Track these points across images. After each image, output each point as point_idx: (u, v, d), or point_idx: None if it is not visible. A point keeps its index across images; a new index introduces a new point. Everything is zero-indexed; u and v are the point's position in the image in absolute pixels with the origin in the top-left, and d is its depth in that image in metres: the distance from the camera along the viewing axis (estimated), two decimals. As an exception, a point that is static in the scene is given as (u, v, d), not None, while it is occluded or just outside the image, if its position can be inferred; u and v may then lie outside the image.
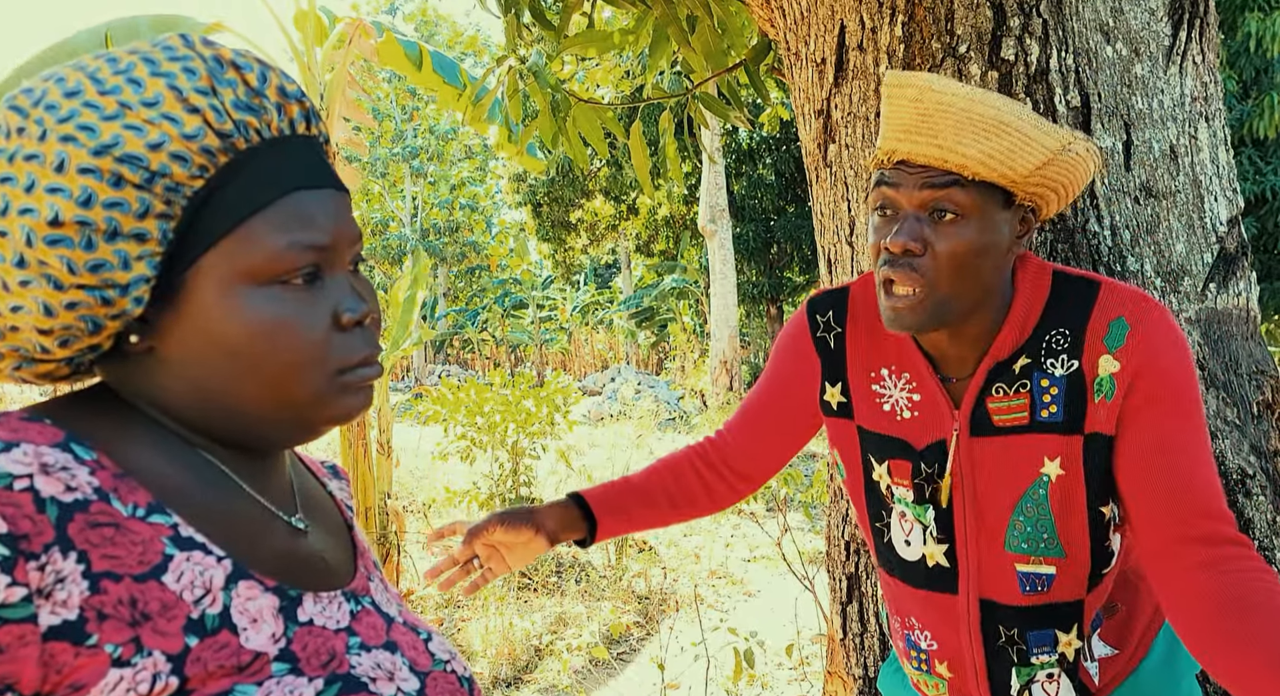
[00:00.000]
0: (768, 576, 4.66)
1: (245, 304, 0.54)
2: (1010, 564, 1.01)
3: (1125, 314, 0.95)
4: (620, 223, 18.09)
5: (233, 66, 0.55)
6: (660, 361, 22.12)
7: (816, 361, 1.13)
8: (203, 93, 0.53)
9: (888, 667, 1.28)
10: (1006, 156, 0.89)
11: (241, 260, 0.54)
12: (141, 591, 0.49)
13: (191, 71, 0.53)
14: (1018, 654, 1.03)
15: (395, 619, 0.65)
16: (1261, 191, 9.22)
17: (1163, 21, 1.41)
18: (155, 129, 0.51)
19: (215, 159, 0.53)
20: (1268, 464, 1.37)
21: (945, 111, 0.89)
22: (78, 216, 0.50)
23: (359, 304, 0.58)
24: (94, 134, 0.50)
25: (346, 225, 0.58)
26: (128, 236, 0.51)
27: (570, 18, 2.30)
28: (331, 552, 0.65)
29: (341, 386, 0.58)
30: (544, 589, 4.32)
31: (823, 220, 1.65)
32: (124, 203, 0.51)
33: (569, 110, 2.41)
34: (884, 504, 1.09)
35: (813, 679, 3.27)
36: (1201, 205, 1.41)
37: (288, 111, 0.57)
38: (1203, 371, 1.36)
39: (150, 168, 0.51)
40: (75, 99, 0.51)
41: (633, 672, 3.45)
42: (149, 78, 0.52)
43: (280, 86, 0.56)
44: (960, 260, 0.92)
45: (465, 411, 4.97)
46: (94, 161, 0.50)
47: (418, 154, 24.58)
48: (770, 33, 1.80)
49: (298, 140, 0.57)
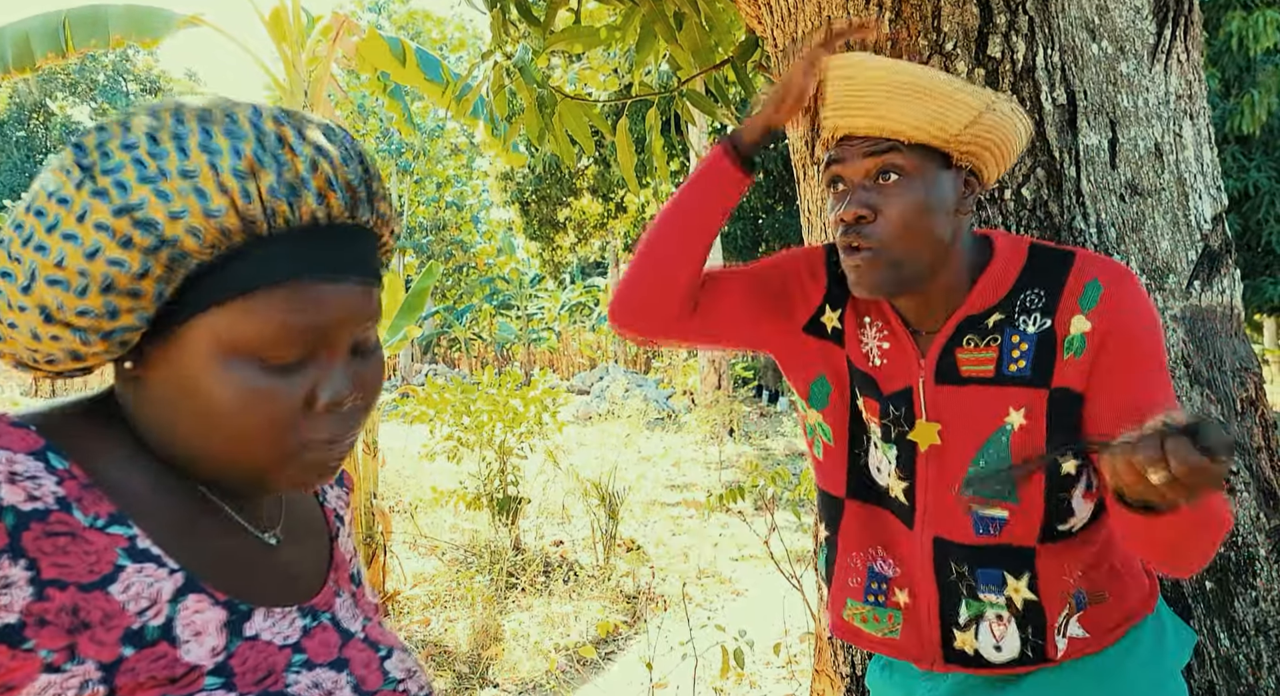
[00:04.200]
0: (755, 575, 4.66)
1: (224, 370, 0.54)
2: (962, 505, 1.06)
3: (1100, 276, 1.02)
4: (608, 221, 18.07)
5: (289, 149, 0.54)
6: (649, 360, 22.15)
7: (824, 280, 1.18)
8: (239, 175, 0.52)
9: (875, 665, 1.28)
10: (936, 116, 0.97)
11: (230, 330, 0.54)
12: (85, 600, 0.51)
13: (238, 151, 0.53)
14: (967, 589, 1.07)
15: (355, 635, 0.65)
16: (1245, 188, 9.31)
17: (1148, 20, 1.41)
18: (180, 200, 0.52)
19: (230, 238, 0.53)
20: (1251, 461, 1.37)
21: (875, 84, 0.98)
22: (79, 266, 0.52)
23: (340, 391, 0.57)
24: (124, 192, 0.51)
25: (355, 315, 0.57)
26: (121, 292, 0.52)
27: (556, 13, 2.29)
28: (301, 566, 0.66)
29: (300, 462, 0.58)
30: (531, 588, 4.30)
31: (811, 218, 1.64)
32: (125, 262, 0.52)
33: (555, 107, 2.39)
34: (865, 430, 1.15)
35: (800, 677, 3.27)
36: (1186, 203, 1.41)
37: (328, 201, 0.55)
38: (1187, 368, 1.36)
39: (162, 235, 0.52)
40: (127, 153, 0.52)
41: (620, 672, 3.44)
42: (196, 148, 0.52)
43: (330, 176, 0.55)
44: (907, 218, 0.99)
45: (452, 411, 4.94)
46: (111, 219, 0.51)
47: (403, 152, 24.47)
48: (758, 29, 1.79)
49: (332, 228, 0.56)
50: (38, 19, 4.00)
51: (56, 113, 30.59)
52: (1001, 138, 1.01)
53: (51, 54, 3.94)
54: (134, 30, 4.04)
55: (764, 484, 3.40)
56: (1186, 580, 1.33)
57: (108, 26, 3.98)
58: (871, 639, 1.17)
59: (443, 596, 4.23)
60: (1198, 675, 1.32)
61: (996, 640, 1.06)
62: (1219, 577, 1.34)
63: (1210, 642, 1.33)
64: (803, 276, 1.19)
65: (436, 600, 4.20)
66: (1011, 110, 1.00)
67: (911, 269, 1.01)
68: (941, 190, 1.01)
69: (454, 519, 5.60)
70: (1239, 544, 1.35)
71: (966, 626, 1.08)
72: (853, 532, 1.18)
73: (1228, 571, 1.34)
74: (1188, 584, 1.33)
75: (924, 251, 1.01)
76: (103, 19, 4.00)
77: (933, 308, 1.07)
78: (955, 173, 1.02)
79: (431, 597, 4.23)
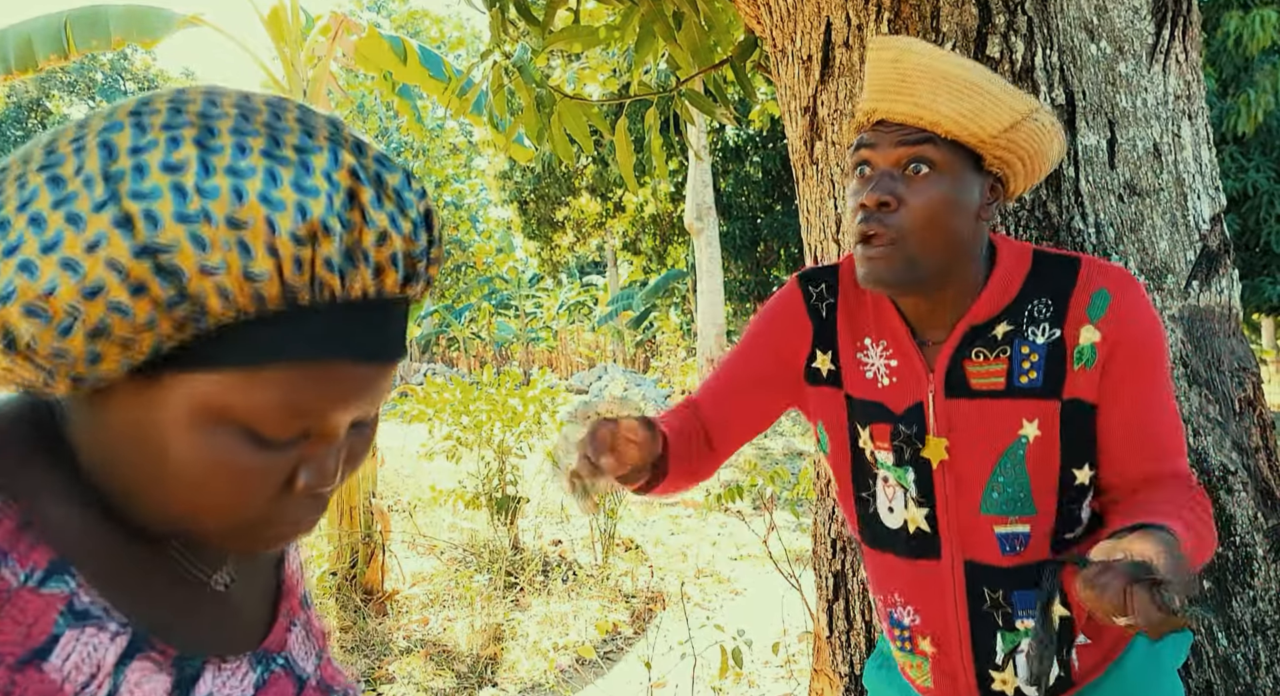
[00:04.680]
0: (754, 575, 4.67)
1: (203, 435, 0.45)
2: (988, 526, 1.04)
3: (1108, 286, 1.01)
4: (607, 220, 18.06)
5: (359, 214, 0.44)
6: (647, 360, 22.14)
7: (809, 328, 1.15)
8: (297, 240, 0.42)
9: (873, 664, 1.28)
10: (977, 115, 0.95)
11: (225, 396, 0.44)
12: (20, 679, 0.43)
13: (304, 211, 0.42)
14: (1003, 618, 1.05)
15: (309, 679, 0.59)
16: (1243, 188, 9.32)
17: (1146, 20, 1.41)
18: (219, 253, 0.41)
19: (263, 305, 0.43)
20: (1249, 460, 1.38)
21: (922, 72, 0.95)
22: (72, 303, 0.41)
23: (326, 477, 0.50)
24: (154, 228, 0.40)
25: (374, 397, 0.49)
26: (113, 340, 0.42)
27: (555, 13, 2.29)
28: (252, 603, 0.59)
29: (258, 537, 0.51)
30: (530, 587, 4.31)
31: (809, 217, 1.64)
32: (129, 311, 0.41)
33: (554, 106, 2.39)
34: (869, 472, 1.12)
35: (799, 676, 3.28)
36: (1185, 203, 1.41)
37: (384, 279, 0.46)
38: (1185, 368, 1.37)
39: (185, 290, 0.41)
40: (168, 176, 0.41)
41: (620, 671, 3.45)
42: (255, 196, 0.41)
43: (395, 253, 0.45)
44: (931, 213, 0.97)
45: (451, 411, 4.94)
46: (128, 260, 0.41)
47: (402, 151, 24.47)
48: (757, 29, 1.79)
49: (380, 303, 0.47)
50: (39, 20, 3.99)
51: (54, 112, 30.56)
52: (1036, 149, 0.99)
53: (54, 55, 3.93)
54: (134, 31, 4.04)
55: (762, 483, 3.40)
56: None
57: (108, 27, 3.97)
58: (914, 682, 1.15)
59: (441, 596, 4.23)
60: (1195, 674, 1.32)
61: None
62: (1217, 577, 1.34)
63: (1208, 642, 1.33)
64: (789, 333, 1.16)
65: (435, 599, 4.20)
66: (1051, 123, 0.98)
67: (926, 266, 0.98)
68: (968, 191, 0.98)
69: (453, 518, 5.60)
70: (1237, 543, 1.35)
71: (1004, 664, 1.05)
72: (872, 576, 1.17)
73: (1225, 571, 1.34)
74: (1186, 583, 1.33)
75: (941, 249, 0.98)
76: (103, 20, 3.99)
77: (940, 313, 1.05)
78: (984, 176, 1.00)
79: (430, 597, 4.23)
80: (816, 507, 1.72)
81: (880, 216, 0.98)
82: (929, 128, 0.96)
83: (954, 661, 1.08)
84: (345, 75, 18.16)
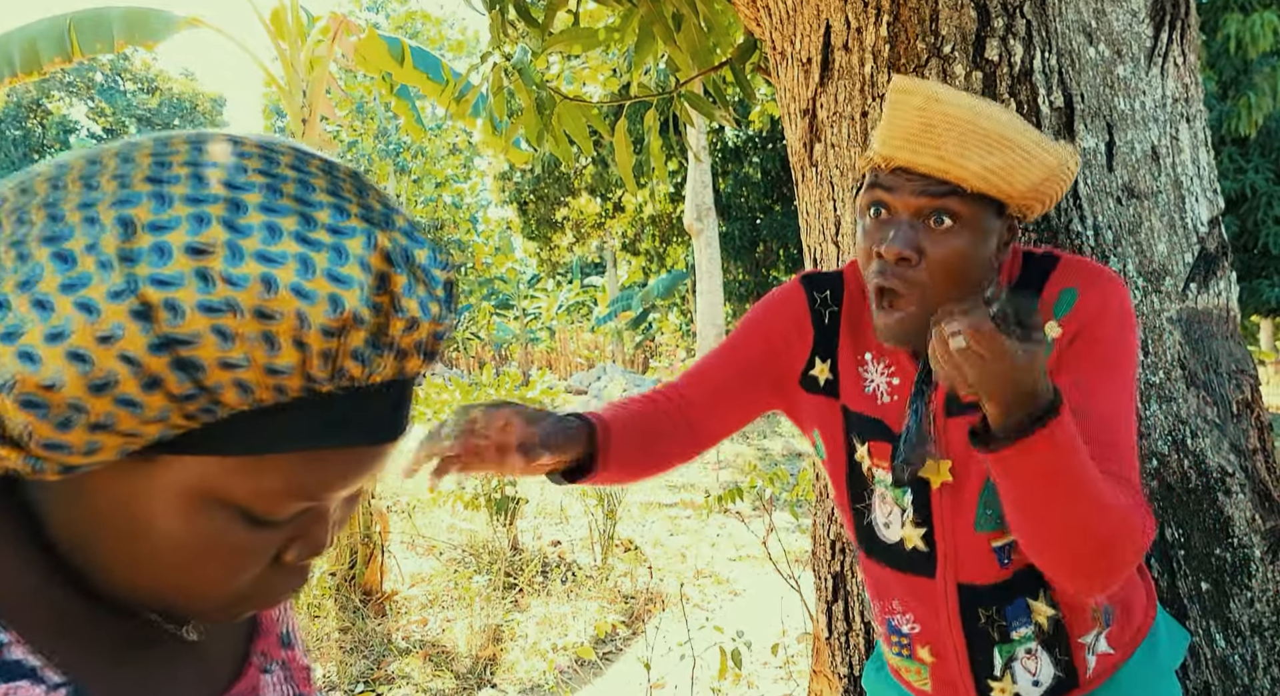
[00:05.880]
0: (753, 576, 4.67)
1: (195, 513, 0.42)
2: (985, 542, 1.03)
3: (1079, 283, 0.98)
4: (606, 221, 18.07)
5: (390, 300, 0.40)
6: (646, 361, 22.14)
7: (810, 333, 1.12)
8: (327, 334, 0.39)
9: (872, 665, 1.28)
10: (1007, 172, 0.90)
11: (227, 482, 0.41)
12: None
13: (337, 304, 0.38)
14: (998, 632, 1.04)
15: None
16: (1241, 189, 9.33)
17: (1144, 23, 1.42)
18: (242, 348, 0.37)
19: (283, 395, 0.40)
20: (1247, 462, 1.38)
21: (950, 123, 0.89)
22: (75, 399, 0.37)
23: (318, 549, 0.47)
24: (176, 319, 0.36)
25: (373, 473, 0.46)
26: (116, 433, 0.38)
27: (555, 14, 2.29)
28: (221, 648, 0.54)
29: (240, 609, 0.48)
30: (529, 588, 4.31)
31: (809, 219, 1.65)
32: (141, 406, 0.38)
33: (554, 108, 2.40)
34: (865, 485, 1.10)
35: (798, 677, 3.28)
36: (1183, 205, 1.42)
37: (407, 365, 0.43)
38: (1183, 370, 1.37)
39: (203, 384, 0.38)
40: (195, 259, 0.37)
41: (619, 672, 3.45)
42: (287, 287, 0.37)
43: (420, 340, 0.42)
44: (952, 267, 0.93)
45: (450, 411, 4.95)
46: (145, 354, 0.37)
47: (401, 151, 24.47)
48: (756, 31, 1.80)
49: (396, 385, 0.44)
50: (43, 23, 4.01)
51: (54, 112, 30.53)
52: (1060, 191, 0.96)
53: (58, 58, 3.94)
54: (137, 33, 4.04)
55: (762, 484, 3.41)
56: (1182, 581, 1.33)
57: (111, 29, 3.98)
58: (911, 686, 1.15)
59: (440, 596, 4.23)
60: (1193, 675, 1.32)
61: (1033, 675, 1.04)
62: (1215, 578, 1.35)
63: (1206, 643, 1.33)
64: (788, 334, 1.13)
65: (434, 600, 4.20)
66: (1076, 164, 0.95)
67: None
68: (989, 239, 0.95)
69: (452, 519, 5.60)
70: (1234, 545, 1.35)
71: (1001, 675, 1.05)
72: (870, 584, 1.16)
73: (1223, 572, 1.35)
74: (1184, 584, 1.34)
75: (957, 297, 0.94)
76: (106, 22, 4.01)
77: None
78: (1005, 220, 0.97)
79: (429, 597, 4.23)
80: (816, 509, 1.73)
81: (900, 271, 0.93)
82: (955, 181, 0.91)
83: (952, 671, 1.08)
84: (345, 75, 18.14)
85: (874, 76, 1.44)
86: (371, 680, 3.35)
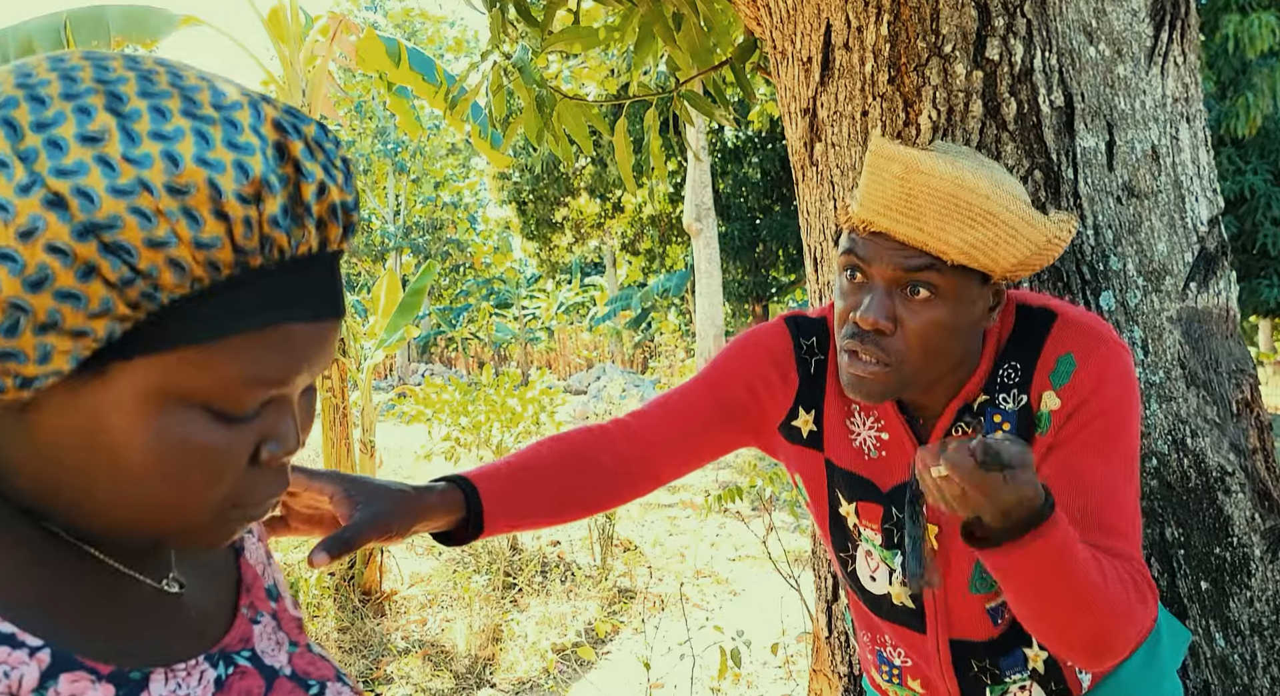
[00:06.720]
0: (753, 575, 4.67)
1: (163, 421, 0.43)
2: (979, 604, 1.01)
3: (1075, 350, 0.94)
4: (605, 221, 18.07)
5: (293, 167, 0.42)
6: (645, 361, 22.14)
7: (795, 381, 1.06)
8: (243, 201, 0.40)
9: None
10: (990, 248, 0.86)
11: (181, 377, 0.42)
12: None
13: (244, 168, 0.40)
14: (991, 676, 1.03)
15: (280, 672, 0.55)
16: (1240, 190, 9.34)
17: (1144, 23, 1.42)
18: (167, 225, 0.39)
19: (218, 273, 0.41)
20: (1246, 461, 1.38)
21: (931, 195, 0.85)
22: (15, 299, 0.38)
23: (290, 442, 0.48)
24: (91, 206, 0.37)
25: (325, 358, 0.47)
26: (65, 332, 0.39)
27: (555, 14, 2.29)
28: (207, 602, 0.55)
29: (227, 524, 0.48)
30: (529, 588, 4.30)
31: (809, 219, 1.65)
32: (82, 298, 0.38)
33: (554, 107, 2.40)
34: (850, 538, 1.07)
35: (798, 677, 3.28)
36: (1183, 205, 1.42)
37: (328, 232, 0.45)
38: (1183, 370, 1.37)
39: (137, 267, 0.39)
40: (91, 147, 0.38)
41: (618, 672, 3.45)
42: (191, 159, 0.39)
43: (334, 203, 0.44)
44: (930, 339, 0.89)
45: (450, 411, 4.95)
46: (72, 242, 0.38)
47: (399, 151, 24.46)
48: (756, 31, 1.80)
49: (323, 259, 0.45)
50: (40, 20, 4.00)
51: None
52: (1049, 260, 0.91)
53: (54, 55, 3.93)
54: (134, 31, 4.04)
55: (761, 484, 3.41)
56: (1182, 580, 1.33)
57: (109, 27, 3.97)
58: None
59: (440, 596, 4.23)
60: (1193, 675, 1.32)
61: None
62: (1214, 578, 1.35)
63: (1205, 642, 1.33)
64: (771, 380, 1.07)
65: (434, 600, 4.20)
66: (1070, 233, 0.90)
67: (920, 382, 0.93)
68: (970, 308, 0.90)
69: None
70: (1234, 545, 1.36)
71: None
72: (857, 616, 1.13)
73: (1223, 572, 1.35)
74: (1183, 584, 1.34)
75: (940, 367, 0.92)
76: (103, 20, 4.00)
77: (935, 396, 0.99)
78: (989, 288, 0.92)
79: (429, 597, 4.23)
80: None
81: (875, 339, 0.89)
82: (935, 253, 0.86)
83: None
84: (343, 75, 18.13)
85: (875, 76, 1.44)
86: (370, 679, 3.35)
